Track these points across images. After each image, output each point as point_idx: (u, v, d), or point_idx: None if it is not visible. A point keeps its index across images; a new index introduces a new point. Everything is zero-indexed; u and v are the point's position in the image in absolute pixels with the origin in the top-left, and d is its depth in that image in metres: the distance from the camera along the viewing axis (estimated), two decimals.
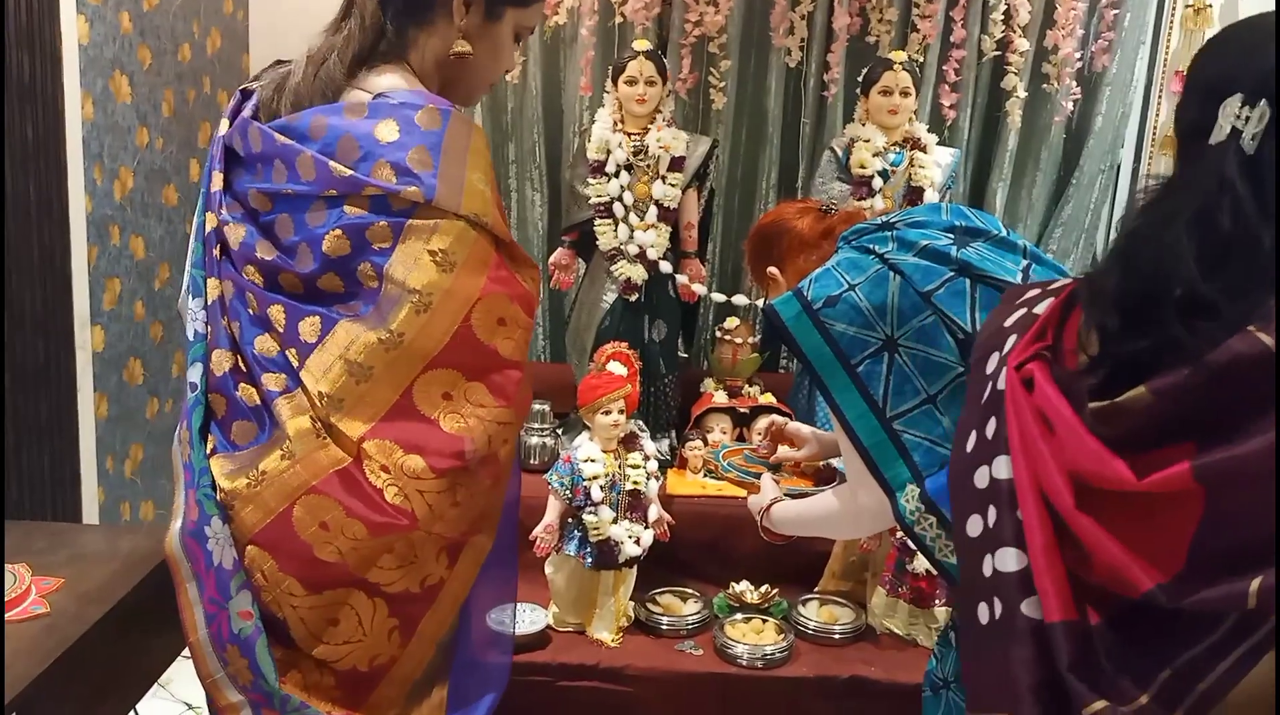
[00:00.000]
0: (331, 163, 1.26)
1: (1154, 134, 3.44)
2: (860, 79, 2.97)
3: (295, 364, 1.28)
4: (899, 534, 2.40)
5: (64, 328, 2.39)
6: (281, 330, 1.29)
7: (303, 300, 1.29)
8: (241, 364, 1.32)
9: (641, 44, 2.82)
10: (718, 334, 3.14)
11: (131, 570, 1.73)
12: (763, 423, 2.81)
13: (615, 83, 2.82)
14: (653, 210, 2.83)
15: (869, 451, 1.45)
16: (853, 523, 1.61)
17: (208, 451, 1.32)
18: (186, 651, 1.37)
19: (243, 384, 1.31)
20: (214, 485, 1.29)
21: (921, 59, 3.22)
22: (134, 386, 2.75)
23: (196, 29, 3.02)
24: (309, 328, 1.27)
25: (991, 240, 1.53)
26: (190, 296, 1.36)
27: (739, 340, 3.07)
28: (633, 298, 2.87)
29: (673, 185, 2.83)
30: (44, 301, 2.33)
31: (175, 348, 2.97)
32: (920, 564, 2.38)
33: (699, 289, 2.93)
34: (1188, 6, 3.32)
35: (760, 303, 3.02)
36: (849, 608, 2.54)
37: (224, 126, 1.37)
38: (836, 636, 2.45)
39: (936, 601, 2.42)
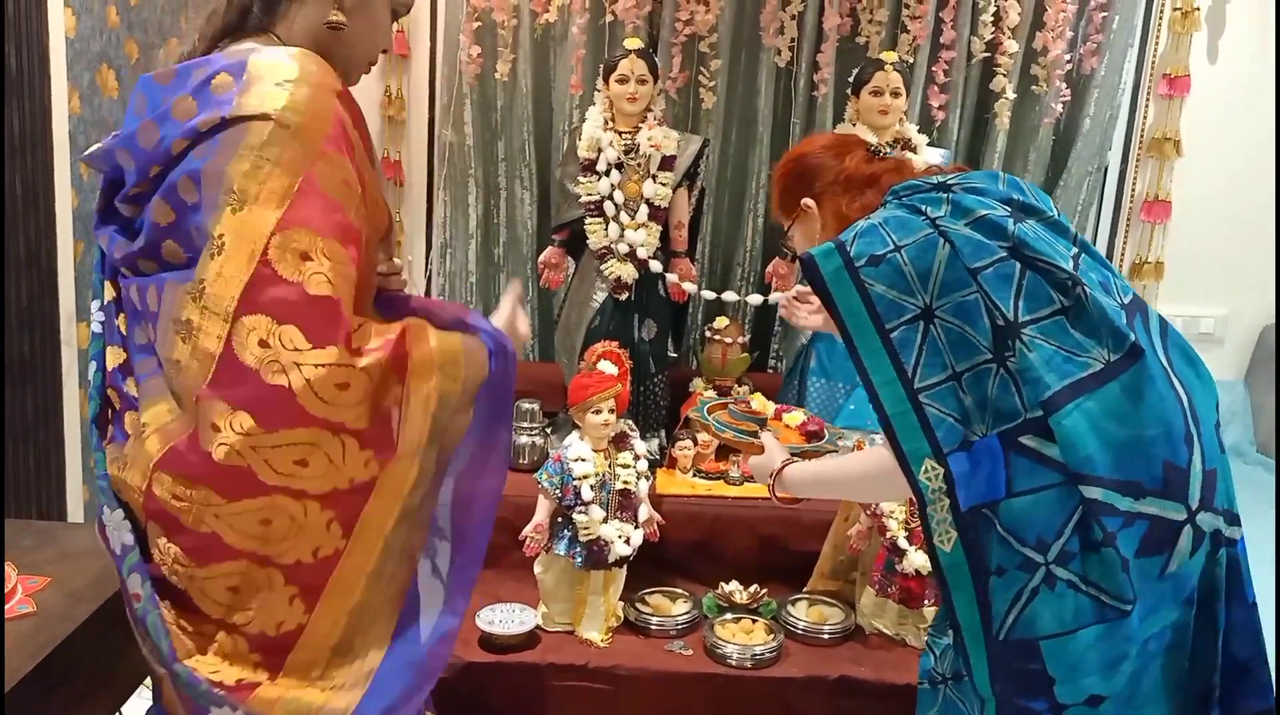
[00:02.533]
0: (141, 125, 1.27)
1: (1141, 136, 3.46)
2: (851, 79, 2.97)
3: (153, 340, 1.29)
4: (889, 534, 2.40)
5: (50, 324, 2.37)
6: (141, 308, 1.30)
7: (154, 274, 1.30)
8: (129, 359, 1.34)
9: (633, 42, 2.82)
10: (707, 334, 3.14)
11: None
12: None
13: (606, 81, 2.81)
14: (643, 209, 2.83)
15: (890, 420, 1.40)
16: (886, 484, 1.51)
17: (104, 442, 1.35)
18: None
19: (129, 378, 1.33)
20: (106, 475, 1.33)
21: (911, 60, 3.23)
22: None
23: (184, 24, 3.00)
24: (153, 298, 1.28)
25: (1045, 221, 1.48)
26: (91, 298, 1.39)
27: (728, 340, 3.07)
28: (622, 297, 2.87)
29: (663, 184, 2.83)
30: (30, 297, 2.31)
31: None
32: (909, 564, 2.38)
33: (689, 288, 2.93)
34: (1175, 10, 3.35)
35: (750, 300, 3.03)
36: (838, 608, 2.54)
37: None
38: (825, 636, 2.45)
39: (925, 601, 2.42)
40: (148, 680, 1.73)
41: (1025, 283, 1.39)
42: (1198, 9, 3.34)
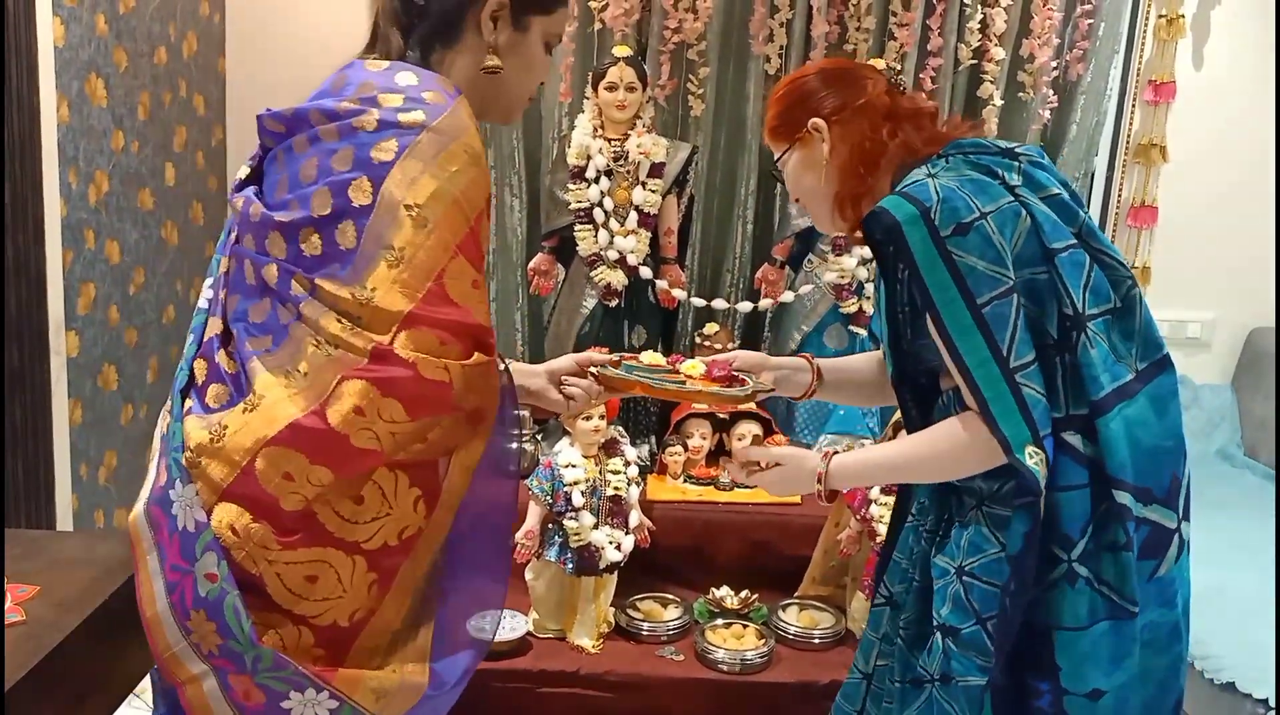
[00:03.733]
0: (340, 102, 1.28)
1: (1127, 142, 3.48)
2: None
3: (285, 322, 1.28)
4: (878, 539, 2.41)
5: (38, 333, 2.36)
6: (271, 286, 1.29)
7: (290, 261, 1.29)
8: (229, 332, 1.33)
9: (621, 50, 2.83)
10: (697, 340, 3.14)
11: (109, 577, 1.71)
12: (743, 428, 2.81)
13: (595, 88, 2.82)
14: (633, 216, 2.84)
15: (988, 404, 1.29)
16: (972, 459, 1.35)
17: (184, 412, 1.32)
18: None
19: (222, 351, 1.32)
20: (183, 447, 1.29)
21: (899, 67, 3.24)
22: (108, 392, 2.72)
23: (173, 32, 3.00)
24: (298, 288, 1.27)
25: (1087, 215, 1.42)
26: (207, 277, 1.39)
27: (718, 346, 3.07)
28: (612, 303, 2.87)
29: (653, 191, 2.84)
30: (18, 306, 2.30)
31: (150, 353, 2.94)
32: None
33: (678, 295, 2.93)
34: (1160, 17, 3.37)
35: (740, 307, 3.04)
36: (829, 612, 2.55)
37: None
38: (816, 641, 2.46)
39: None
40: (137, 688, 1.73)
41: (1093, 275, 1.35)
42: (1183, 16, 3.36)
